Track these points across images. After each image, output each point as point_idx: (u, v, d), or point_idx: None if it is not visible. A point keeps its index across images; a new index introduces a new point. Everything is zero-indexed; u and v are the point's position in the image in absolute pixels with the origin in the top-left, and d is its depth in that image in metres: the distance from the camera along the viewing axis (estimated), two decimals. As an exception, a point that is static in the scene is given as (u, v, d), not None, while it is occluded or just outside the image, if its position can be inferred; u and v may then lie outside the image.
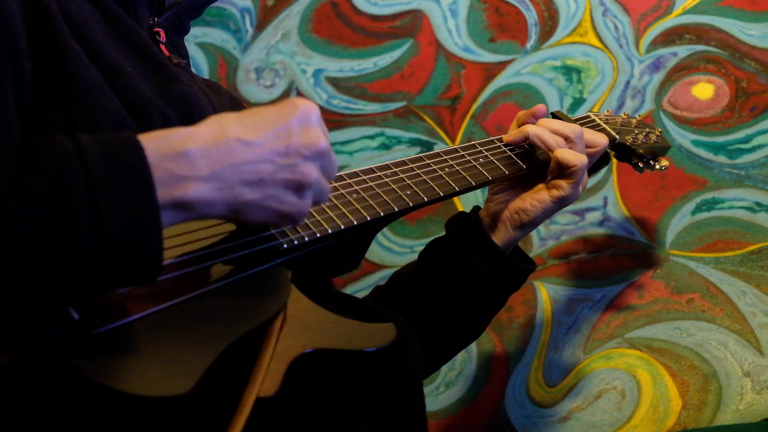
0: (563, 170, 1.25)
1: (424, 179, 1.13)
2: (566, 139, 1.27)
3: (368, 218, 1.02)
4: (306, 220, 0.96)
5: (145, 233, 0.75)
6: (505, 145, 1.27)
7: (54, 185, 0.72)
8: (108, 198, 0.73)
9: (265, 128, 0.84)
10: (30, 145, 0.74)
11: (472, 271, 1.26)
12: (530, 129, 1.27)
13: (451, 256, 1.28)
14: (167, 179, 0.77)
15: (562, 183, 1.26)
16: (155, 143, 0.78)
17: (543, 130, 1.27)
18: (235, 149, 0.81)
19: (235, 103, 1.24)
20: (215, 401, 0.80)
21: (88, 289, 0.74)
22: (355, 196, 1.04)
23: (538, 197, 1.27)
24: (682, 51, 1.72)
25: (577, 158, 1.25)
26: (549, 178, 1.28)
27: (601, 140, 1.34)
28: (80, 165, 0.73)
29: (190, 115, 0.96)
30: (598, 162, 1.37)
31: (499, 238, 1.28)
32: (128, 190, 0.74)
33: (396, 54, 1.84)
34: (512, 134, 1.28)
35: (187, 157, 0.79)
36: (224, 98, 1.20)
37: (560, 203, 1.27)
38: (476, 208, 1.33)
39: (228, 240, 0.89)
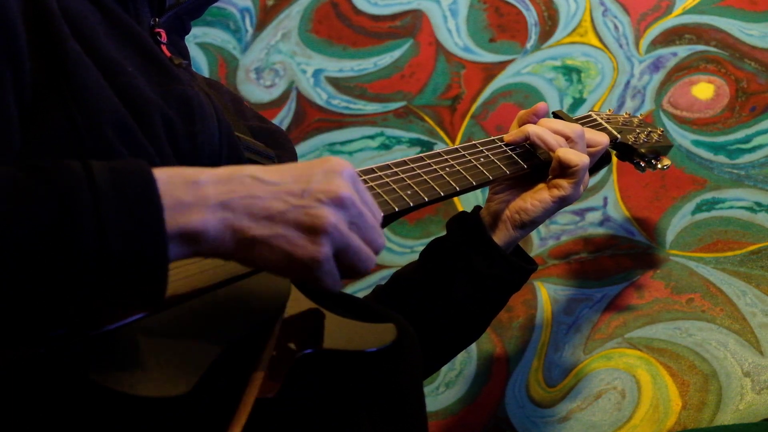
0: (564, 170, 1.25)
1: (425, 179, 1.12)
2: (567, 138, 1.27)
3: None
4: None
5: (150, 251, 0.73)
6: (506, 145, 1.27)
7: (60, 198, 0.71)
8: (113, 217, 0.72)
9: (285, 172, 0.82)
10: (40, 166, 0.74)
11: (473, 270, 1.26)
12: (531, 129, 1.27)
13: (451, 256, 1.28)
14: (173, 206, 0.75)
15: (563, 183, 1.26)
16: (167, 173, 0.77)
17: (544, 130, 1.27)
18: (247, 183, 0.80)
19: (237, 101, 1.23)
20: (215, 402, 0.80)
21: (89, 302, 0.73)
22: None
23: (538, 197, 1.27)
24: (682, 51, 1.72)
25: (578, 158, 1.25)
26: (550, 177, 1.28)
27: (602, 139, 1.34)
28: (87, 182, 0.73)
29: (191, 116, 0.96)
30: (599, 161, 1.37)
31: (500, 237, 1.28)
32: (135, 213, 0.73)
33: (396, 54, 1.84)
34: (513, 134, 1.28)
35: (196, 185, 0.77)
36: (225, 97, 1.19)
37: (561, 203, 1.27)
38: (477, 208, 1.33)
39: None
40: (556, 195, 1.26)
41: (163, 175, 0.76)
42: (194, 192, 0.77)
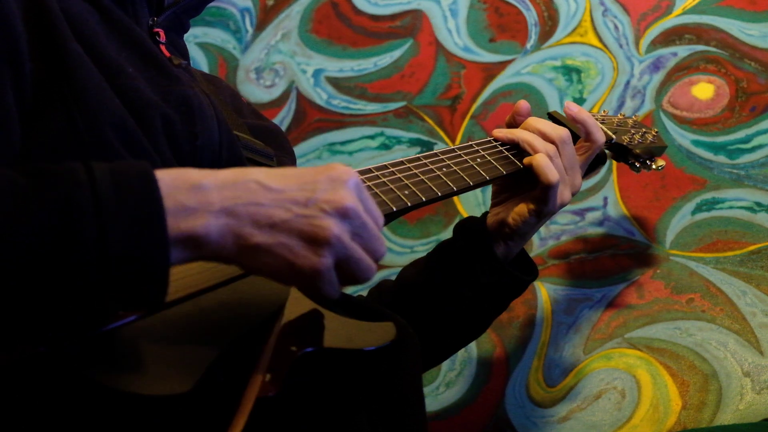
0: (537, 181, 1.24)
1: (422, 179, 1.13)
2: (554, 144, 1.27)
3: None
4: None
5: (151, 258, 0.73)
6: (502, 145, 1.28)
7: (61, 205, 0.71)
8: (115, 221, 0.72)
9: (290, 179, 0.81)
10: (42, 169, 0.74)
11: (476, 283, 1.27)
12: (521, 135, 1.27)
13: (455, 266, 1.28)
14: (176, 210, 0.75)
15: (537, 194, 1.25)
16: (170, 176, 0.76)
17: (533, 136, 1.26)
18: (252, 189, 0.79)
19: (236, 97, 1.24)
20: (215, 401, 0.80)
21: (91, 308, 0.73)
22: None
23: (518, 210, 1.27)
24: (682, 51, 1.72)
25: (552, 174, 1.23)
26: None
27: (599, 136, 1.34)
28: (89, 188, 0.72)
29: (191, 117, 0.96)
30: (594, 161, 1.37)
31: (498, 249, 1.29)
32: (137, 216, 0.73)
33: (396, 54, 1.84)
34: (502, 132, 1.28)
35: (200, 189, 0.77)
36: (225, 93, 1.20)
37: (538, 216, 1.27)
38: (485, 215, 1.33)
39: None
40: (531, 209, 1.26)
41: (166, 177, 0.76)
42: (198, 196, 0.76)
